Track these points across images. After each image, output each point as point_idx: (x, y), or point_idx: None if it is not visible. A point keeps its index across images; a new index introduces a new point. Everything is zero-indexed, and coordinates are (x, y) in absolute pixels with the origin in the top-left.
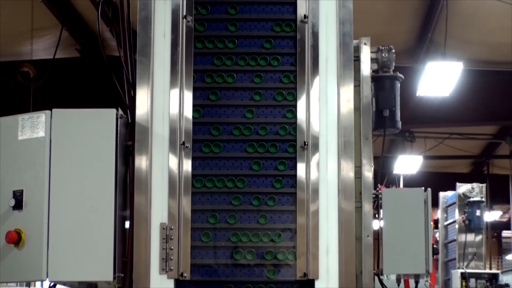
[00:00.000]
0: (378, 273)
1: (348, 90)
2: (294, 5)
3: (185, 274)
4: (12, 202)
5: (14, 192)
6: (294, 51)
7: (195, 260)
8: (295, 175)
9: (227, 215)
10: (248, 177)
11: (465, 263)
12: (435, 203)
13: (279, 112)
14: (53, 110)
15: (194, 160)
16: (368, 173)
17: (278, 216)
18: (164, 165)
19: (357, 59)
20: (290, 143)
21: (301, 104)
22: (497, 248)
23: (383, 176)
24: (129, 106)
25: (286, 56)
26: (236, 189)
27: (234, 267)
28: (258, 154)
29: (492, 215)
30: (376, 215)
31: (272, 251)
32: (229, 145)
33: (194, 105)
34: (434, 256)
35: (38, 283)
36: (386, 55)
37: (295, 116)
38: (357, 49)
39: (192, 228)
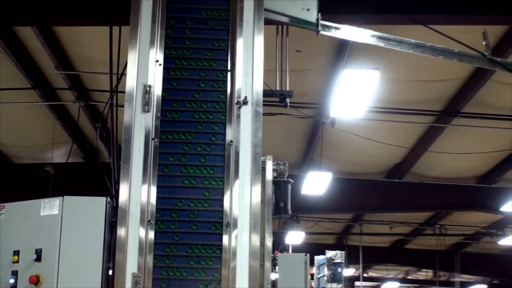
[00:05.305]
0: None
1: (257, 189)
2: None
3: None
4: (35, 256)
5: (36, 250)
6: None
7: None
8: (224, 133)
9: (181, 156)
10: (195, 133)
11: None
12: (312, 263)
13: (216, 94)
14: (65, 196)
15: (161, 122)
16: (269, 243)
17: (213, 158)
18: (135, 235)
19: (263, 169)
20: (222, 113)
21: (226, 197)
22: None
23: (278, 245)
24: (115, 196)
25: (222, 71)
26: (187, 140)
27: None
28: (201, 119)
29: (348, 271)
30: (273, 271)
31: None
32: (183, 113)
33: (163, 88)
34: None
35: None
36: (282, 167)
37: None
38: (264, 163)
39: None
